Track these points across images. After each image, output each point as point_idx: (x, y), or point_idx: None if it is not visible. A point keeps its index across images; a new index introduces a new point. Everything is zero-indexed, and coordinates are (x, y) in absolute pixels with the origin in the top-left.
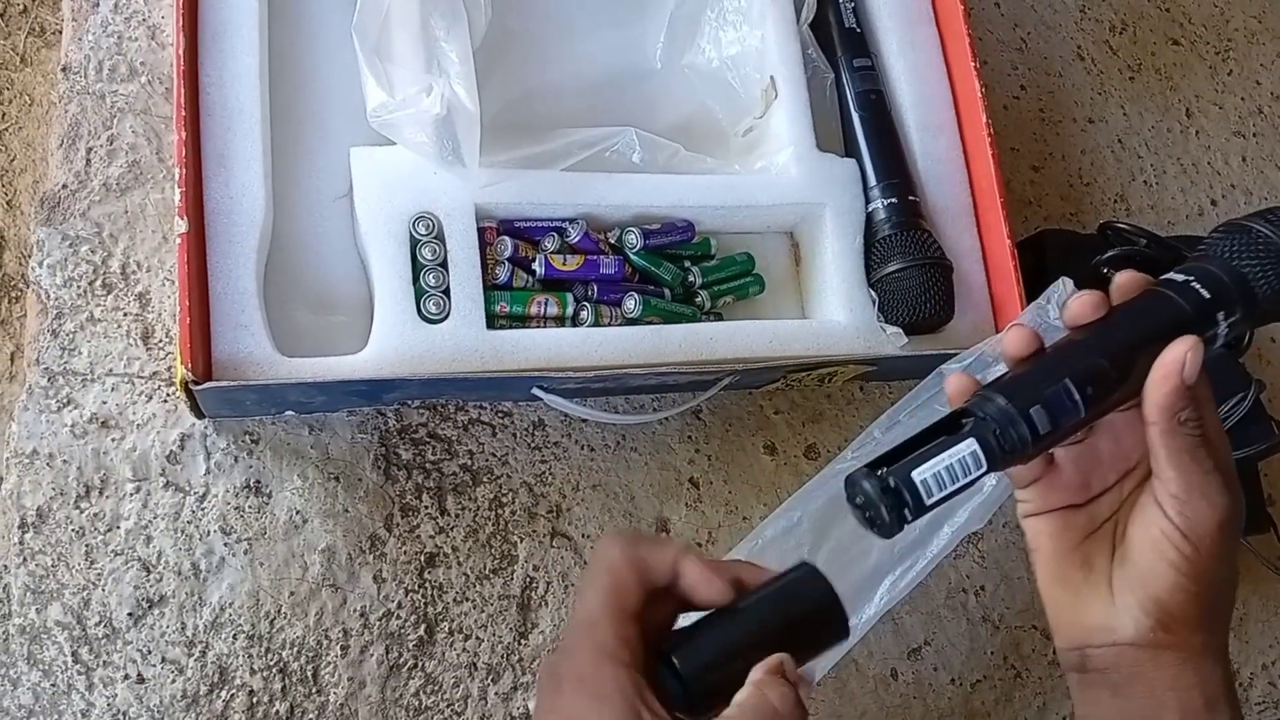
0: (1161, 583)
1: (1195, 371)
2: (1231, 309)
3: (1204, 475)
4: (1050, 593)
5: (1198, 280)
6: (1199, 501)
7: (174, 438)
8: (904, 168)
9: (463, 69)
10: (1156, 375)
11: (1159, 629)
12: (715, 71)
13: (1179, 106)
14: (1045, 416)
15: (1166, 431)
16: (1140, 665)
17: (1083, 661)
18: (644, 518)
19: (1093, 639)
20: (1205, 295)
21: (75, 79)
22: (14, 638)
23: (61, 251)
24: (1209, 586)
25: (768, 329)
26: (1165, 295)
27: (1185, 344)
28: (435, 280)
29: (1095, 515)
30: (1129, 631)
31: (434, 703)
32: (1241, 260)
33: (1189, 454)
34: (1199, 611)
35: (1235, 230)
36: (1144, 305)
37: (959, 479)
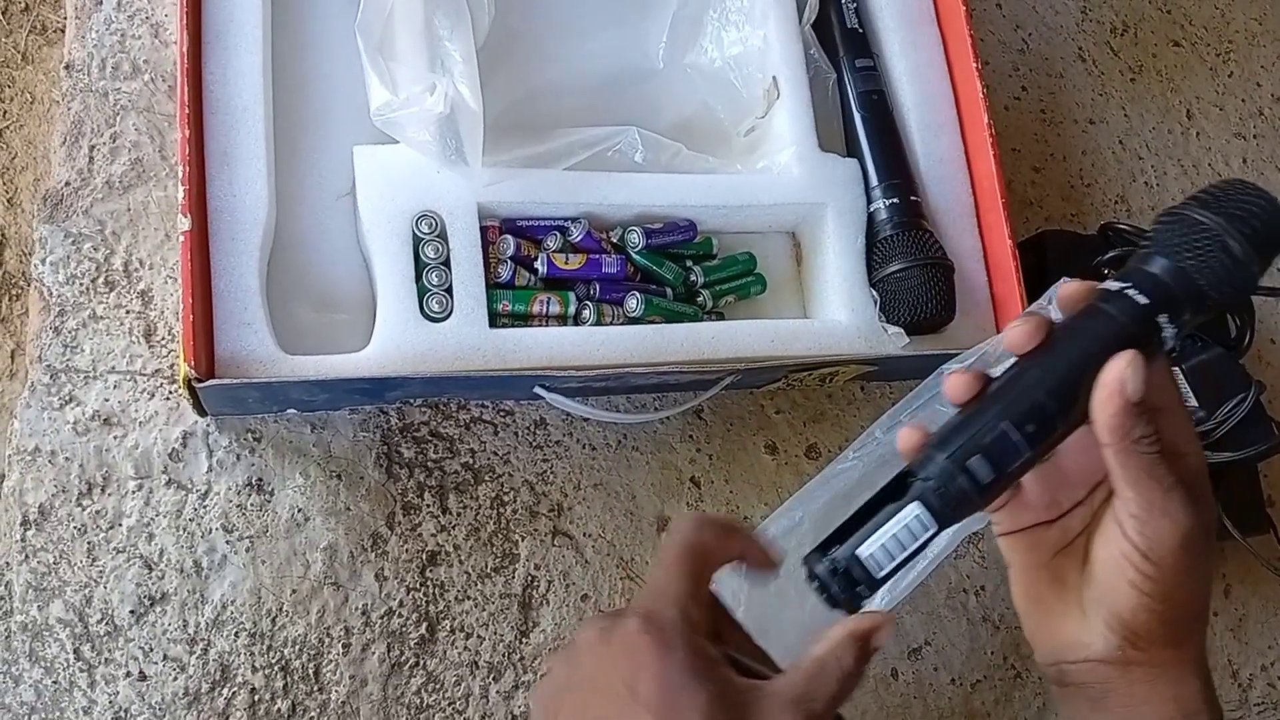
0: (1125, 602)
1: (1139, 387)
2: (1175, 309)
3: (1164, 493)
4: (1024, 608)
5: (1134, 286)
6: (1159, 520)
7: (176, 435)
8: (906, 168)
9: (466, 68)
10: (1099, 397)
11: (1127, 646)
12: (717, 71)
13: (1180, 108)
14: (986, 466)
15: (1120, 452)
16: (1113, 681)
17: (1060, 675)
18: (645, 517)
19: (1066, 655)
20: (1142, 301)
21: (78, 76)
22: (16, 635)
23: (64, 249)
24: (1175, 604)
25: (769, 329)
26: (1100, 310)
27: (1122, 361)
28: (438, 279)
29: (1067, 530)
30: (1099, 648)
31: (435, 701)
32: (1180, 255)
33: (1145, 472)
34: (1166, 629)
35: (1173, 221)
36: (1080, 324)
37: (908, 546)
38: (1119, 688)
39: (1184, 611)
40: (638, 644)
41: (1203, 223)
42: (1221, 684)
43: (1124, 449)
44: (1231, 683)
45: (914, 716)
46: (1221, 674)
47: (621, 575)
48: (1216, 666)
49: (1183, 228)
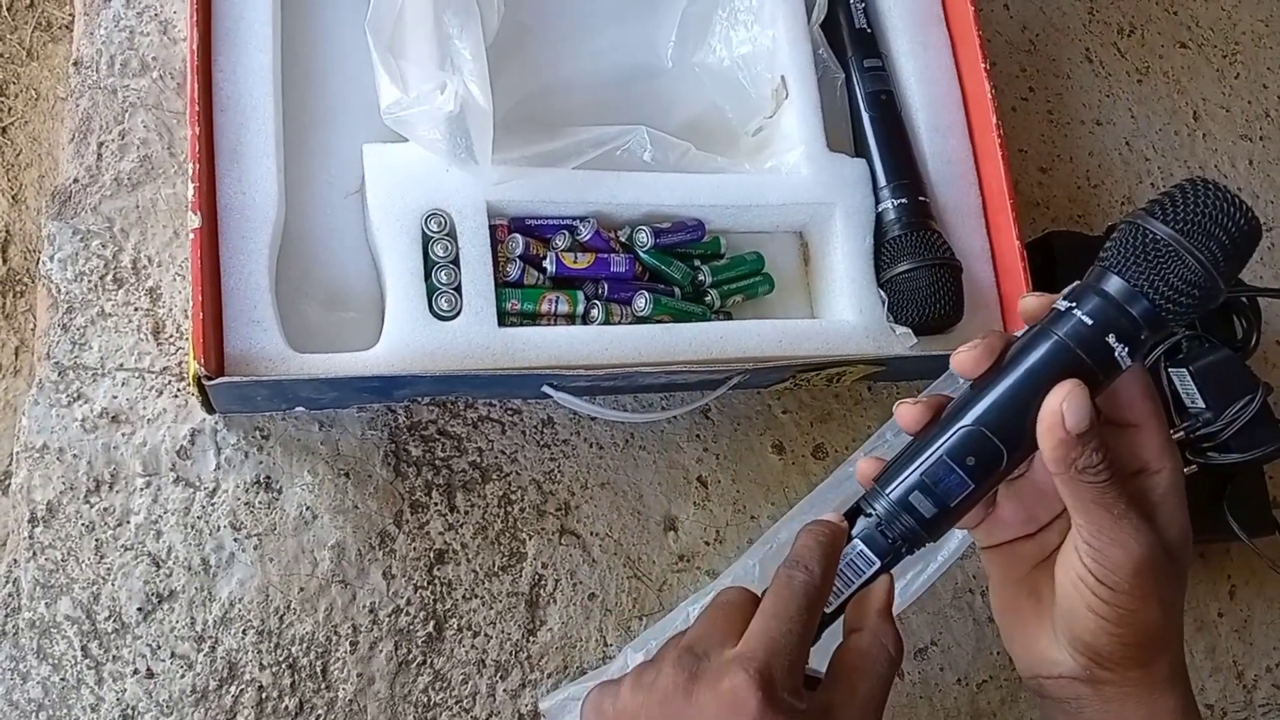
0: (1085, 625)
1: (1081, 417)
2: (1126, 331)
3: (1114, 520)
4: (1002, 621)
5: (1080, 308)
6: (1110, 548)
7: (184, 433)
8: (914, 168)
9: (476, 66)
10: (1041, 429)
11: (1094, 666)
12: (726, 71)
13: (1186, 109)
14: (929, 502)
15: (1067, 481)
16: (1086, 699)
17: (1039, 688)
18: (652, 516)
19: (1041, 670)
20: (1087, 323)
21: (87, 73)
22: (24, 632)
23: (72, 246)
24: (1135, 628)
25: (777, 329)
26: (1048, 333)
27: (1061, 392)
28: (447, 277)
29: (1045, 545)
30: (1069, 666)
31: (442, 699)
32: (1132, 272)
33: (1094, 501)
34: (1129, 652)
35: (1127, 233)
36: (1027, 348)
37: (853, 583)
38: (1091, 704)
39: (1147, 635)
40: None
41: (1158, 237)
42: (1226, 685)
43: (1069, 479)
44: (1236, 684)
45: (920, 716)
46: (1226, 675)
47: (629, 574)
48: (1221, 668)
49: (1137, 240)
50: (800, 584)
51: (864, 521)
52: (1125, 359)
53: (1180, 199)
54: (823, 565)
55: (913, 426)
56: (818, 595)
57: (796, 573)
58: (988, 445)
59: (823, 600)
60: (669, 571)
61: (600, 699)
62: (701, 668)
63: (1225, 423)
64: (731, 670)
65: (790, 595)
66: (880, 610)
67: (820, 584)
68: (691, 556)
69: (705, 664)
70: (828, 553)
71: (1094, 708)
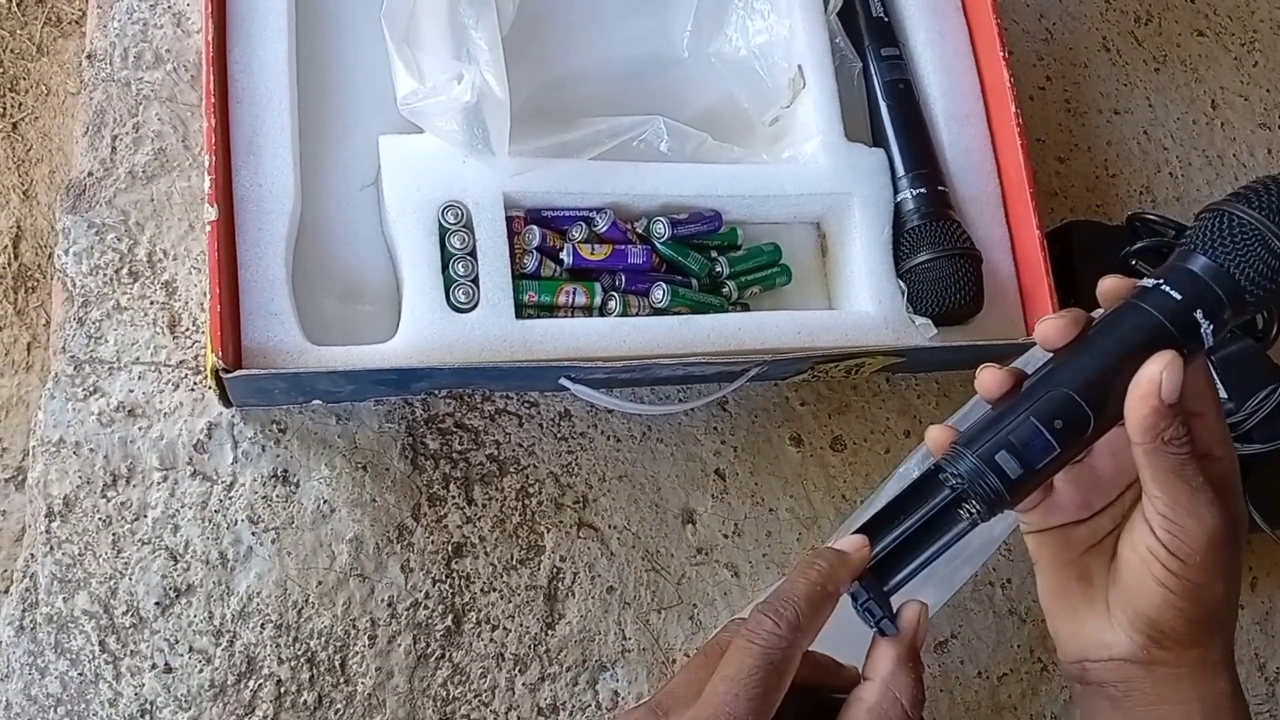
0: (1150, 600)
1: (1175, 388)
2: (1213, 308)
3: (1192, 493)
4: (1049, 606)
5: (1169, 283)
6: (1187, 520)
7: (201, 426)
8: (932, 158)
9: (492, 56)
10: (1134, 396)
11: (1152, 645)
12: (742, 60)
13: (1204, 98)
14: (1014, 462)
15: (1150, 451)
16: (1136, 681)
17: (1082, 674)
18: (670, 509)
19: (1090, 653)
20: (1176, 297)
21: (100, 66)
22: (41, 626)
23: (88, 239)
24: (1201, 604)
25: (796, 320)
26: (1136, 306)
27: (1160, 361)
28: (464, 269)
29: (1096, 529)
30: (1124, 647)
31: (461, 693)
32: (1220, 252)
33: (1175, 472)
34: (1192, 629)
35: (1212, 217)
36: (1115, 320)
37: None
38: (1142, 687)
39: (1210, 611)
40: None
41: (1245, 220)
42: (1248, 678)
43: (1154, 449)
44: (1258, 676)
45: (940, 709)
46: (1248, 668)
47: (647, 568)
48: (1243, 660)
49: (1224, 224)
50: (763, 641)
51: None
52: (1209, 336)
53: (1265, 190)
54: (806, 612)
55: (994, 392)
56: (786, 653)
57: (764, 623)
58: (1076, 409)
59: (795, 653)
60: (688, 564)
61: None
62: None
63: (1247, 413)
64: None
65: (745, 656)
66: (899, 657)
67: (791, 639)
68: (710, 549)
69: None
70: (815, 597)
71: (1143, 690)
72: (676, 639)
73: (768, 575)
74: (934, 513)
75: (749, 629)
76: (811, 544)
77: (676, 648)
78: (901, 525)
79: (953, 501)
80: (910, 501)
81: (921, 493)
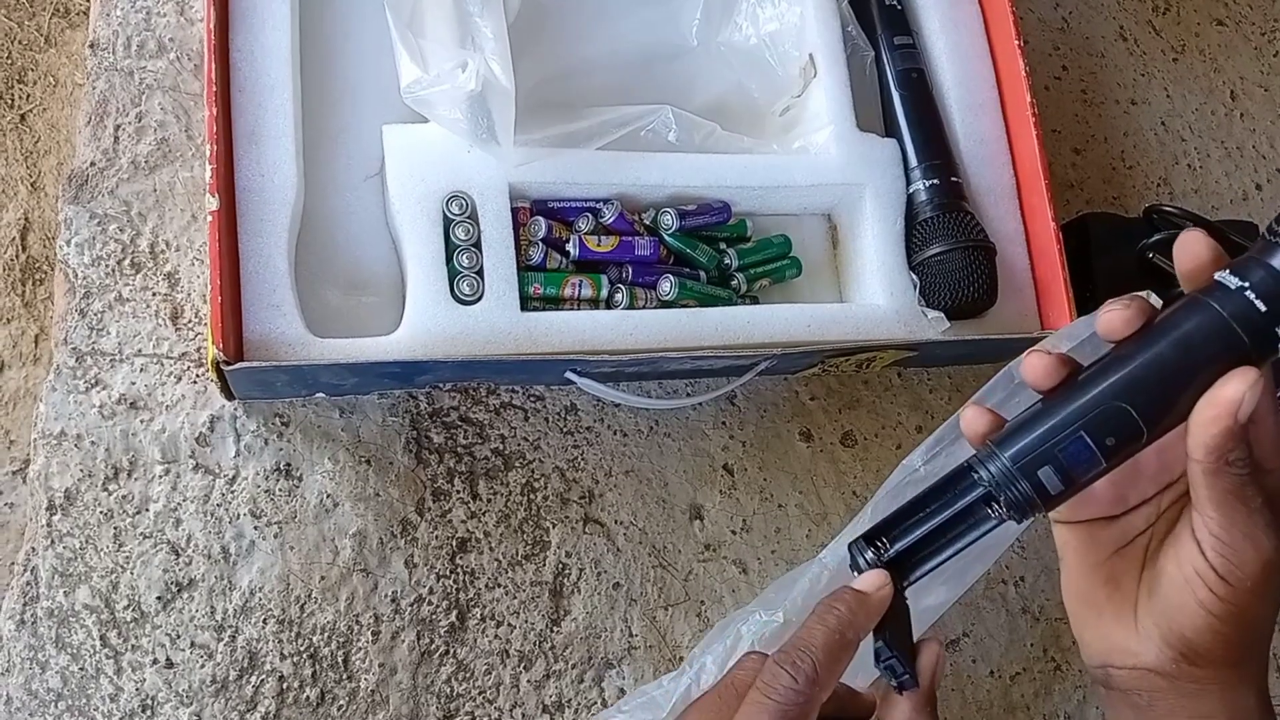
0: (1190, 621)
1: (1250, 410)
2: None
3: (1249, 514)
4: (1073, 607)
5: (1254, 290)
6: (1242, 543)
7: (203, 419)
8: (946, 148)
9: (497, 45)
10: (1206, 414)
11: (1183, 661)
12: (753, 49)
13: (1223, 89)
14: (1056, 478)
15: (1211, 471)
16: (1162, 692)
17: (1106, 678)
18: (677, 504)
19: (1114, 659)
20: (1261, 309)
21: (103, 55)
22: (42, 620)
23: (89, 230)
24: (1244, 627)
25: (806, 312)
26: (1212, 310)
27: (1244, 382)
28: (469, 261)
29: (1128, 529)
30: (1151, 658)
31: (465, 690)
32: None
33: (1233, 493)
34: (1229, 650)
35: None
36: (1187, 321)
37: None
38: (1167, 698)
39: (1252, 633)
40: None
41: None
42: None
43: (1216, 469)
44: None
45: (952, 709)
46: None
47: (653, 563)
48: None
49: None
50: (779, 697)
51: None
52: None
53: None
54: (824, 663)
55: (1043, 383)
56: (803, 709)
57: (781, 677)
58: (1130, 424)
59: (812, 709)
60: (695, 561)
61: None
62: None
63: None
64: None
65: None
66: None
67: (809, 694)
68: (718, 545)
69: None
70: (834, 646)
71: (1168, 701)
72: (683, 636)
73: (776, 572)
74: (962, 508)
75: (765, 683)
76: (821, 540)
77: (683, 645)
78: (927, 518)
79: (982, 499)
80: (938, 494)
81: (951, 486)
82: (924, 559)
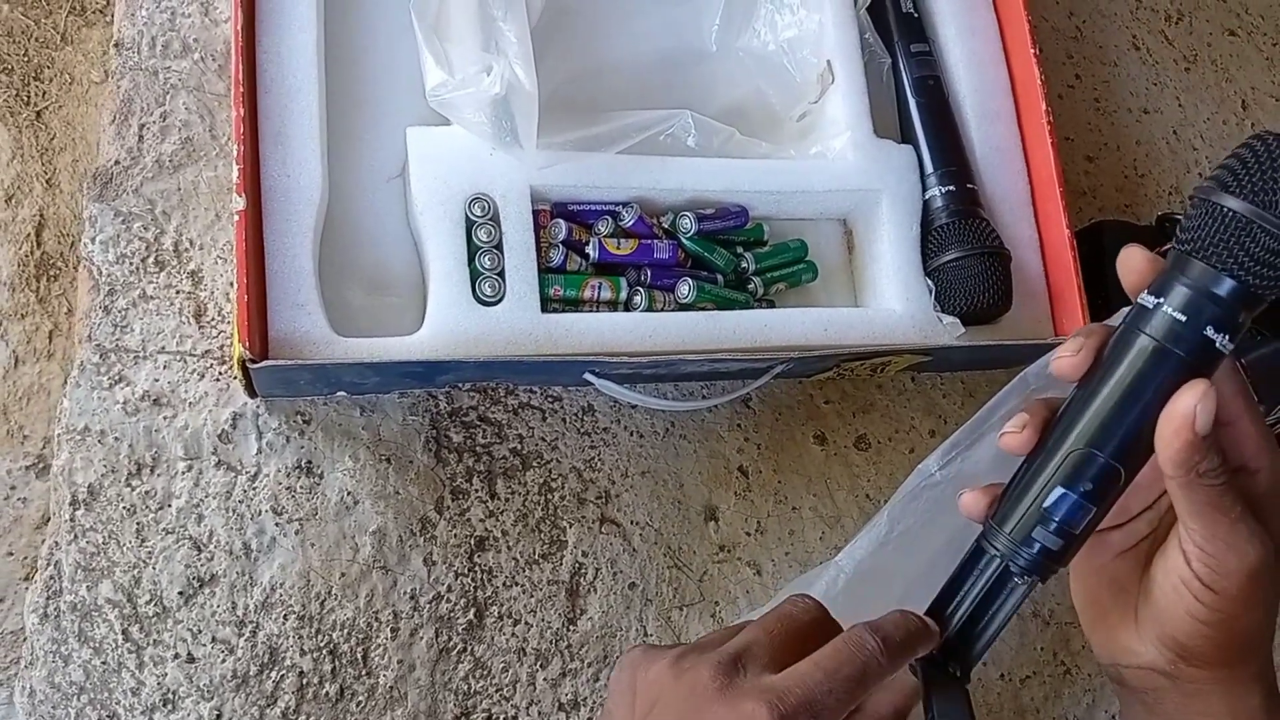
0: (1181, 626)
1: (1209, 420)
2: (1223, 319)
3: (1231, 525)
4: (1081, 607)
5: (1170, 304)
6: (1225, 554)
7: (226, 416)
8: (962, 155)
9: (521, 49)
10: (1166, 431)
11: (1180, 663)
12: (771, 55)
13: (1235, 98)
14: (1055, 537)
15: (1185, 485)
16: (1166, 691)
17: (1119, 676)
18: (692, 506)
19: (1120, 658)
20: (1180, 319)
21: (128, 55)
22: (65, 615)
23: (114, 228)
24: (1235, 632)
25: (823, 317)
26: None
27: (1192, 394)
28: (490, 263)
29: (1132, 533)
30: (1151, 659)
31: (483, 687)
32: (1212, 253)
33: (1210, 504)
34: (1224, 654)
35: (1200, 211)
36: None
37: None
38: (1171, 697)
39: (1243, 637)
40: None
41: (1231, 211)
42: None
43: (1188, 482)
44: None
45: None
46: None
47: (669, 564)
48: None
49: (1210, 219)
50: (868, 655)
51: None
52: (1226, 346)
53: (1246, 164)
54: (898, 654)
55: (1021, 450)
56: (875, 675)
57: (870, 641)
58: (1104, 467)
59: (874, 683)
60: (710, 562)
61: (641, 660)
62: (735, 682)
63: (1278, 416)
64: (757, 699)
65: (851, 659)
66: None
67: (885, 667)
68: (732, 547)
69: (739, 680)
70: (906, 646)
71: (1173, 701)
72: (698, 636)
73: (790, 574)
74: (990, 587)
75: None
76: (835, 543)
77: None
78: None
79: (1004, 572)
80: (964, 577)
81: (973, 566)
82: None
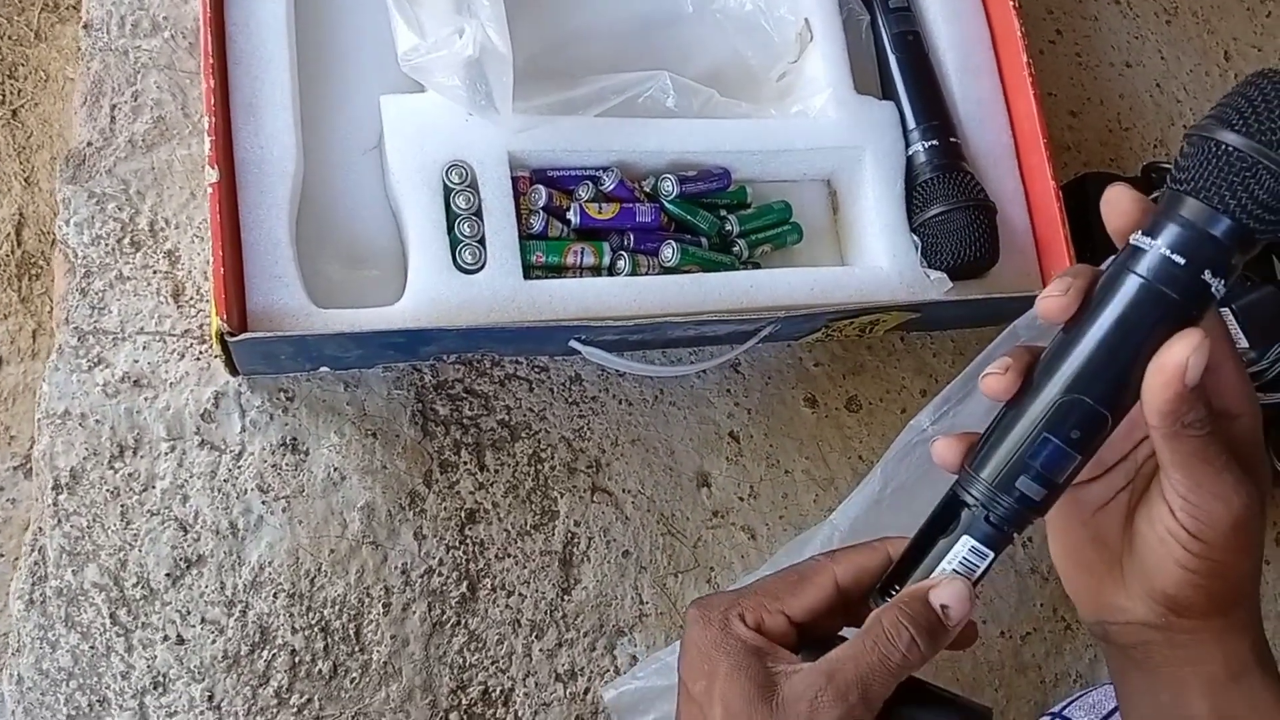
0: (1169, 578)
1: (1199, 372)
2: (1221, 262)
3: (1215, 474)
4: (1063, 566)
5: (1170, 246)
6: (1211, 503)
7: (208, 396)
8: (943, 109)
9: (493, 10)
10: (1155, 382)
11: (1170, 615)
12: (748, 15)
13: (1217, 49)
14: (1037, 485)
15: (1170, 436)
16: (1157, 644)
17: (1104, 633)
18: (684, 472)
19: (1106, 615)
20: (1179, 263)
21: (97, 35)
22: (51, 600)
23: (88, 209)
24: (1224, 580)
25: (809, 276)
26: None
27: (1186, 345)
28: (470, 230)
29: (1110, 486)
30: (1140, 613)
31: (478, 660)
32: (1213, 193)
33: (1196, 455)
34: (1213, 602)
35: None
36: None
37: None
38: (1161, 649)
39: (1234, 585)
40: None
41: (1233, 148)
42: (1275, 635)
43: (1173, 433)
44: None
45: (963, 670)
46: (1275, 623)
47: (662, 531)
48: (1270, 615)
49: (1210, 157)
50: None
51: (968, 515)
52: (1220, 289)
53: (1251, 100)
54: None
55: (1003, 394)
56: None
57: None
58: (1091, 413)
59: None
60: (703, 528)
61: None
62: None
63: (1270, 362)
64: None
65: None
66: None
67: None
68: (725, 512)
69: None
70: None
71: (1164, 653)
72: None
73: (784, 537)
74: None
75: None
76: (828, 505)
77: None
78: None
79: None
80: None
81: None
82: None
